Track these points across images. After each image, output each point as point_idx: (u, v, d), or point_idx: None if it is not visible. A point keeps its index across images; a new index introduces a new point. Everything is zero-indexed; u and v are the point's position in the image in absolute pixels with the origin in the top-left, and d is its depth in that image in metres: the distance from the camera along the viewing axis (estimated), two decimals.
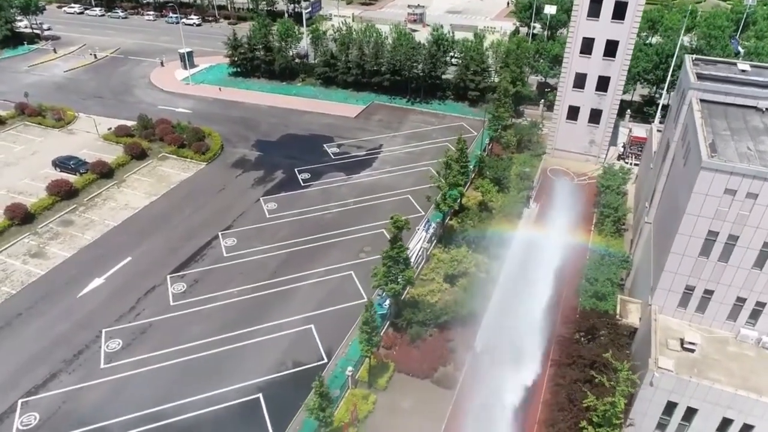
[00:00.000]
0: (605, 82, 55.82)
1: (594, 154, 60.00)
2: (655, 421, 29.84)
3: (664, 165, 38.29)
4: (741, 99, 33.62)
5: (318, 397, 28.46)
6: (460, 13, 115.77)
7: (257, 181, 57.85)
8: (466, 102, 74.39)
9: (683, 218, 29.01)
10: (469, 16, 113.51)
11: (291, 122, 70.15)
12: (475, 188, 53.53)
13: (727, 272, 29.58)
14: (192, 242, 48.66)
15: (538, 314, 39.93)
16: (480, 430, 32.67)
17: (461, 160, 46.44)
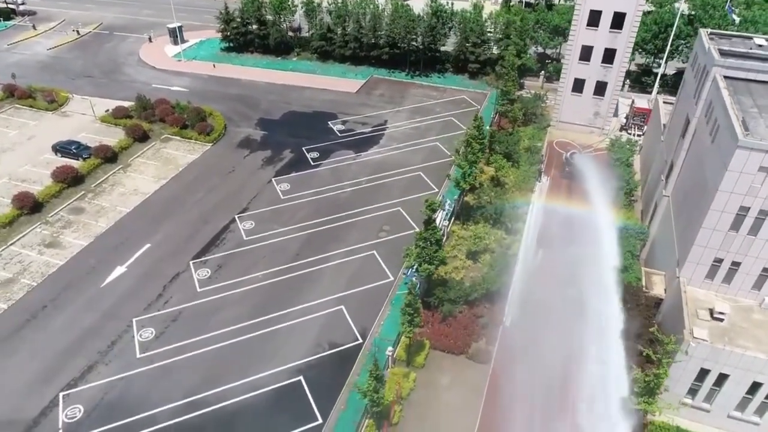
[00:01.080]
0: (611, 55, 56.32)
1: (598, 126, 60.91)
2: (687, 387, 31.53)
3: (683, 140, 39.27)
4: (763, 75, 34.54)
5: (373, 380, 29.23)
6: None
7: (266, 162, 57.38)
8: (466, 74, 74.31)
9: (716, 195, 30.10)
10: None
11: (291, 99, 69.21)
12: (486, 163, 54.07)
13: (756, 245, 30.98)
14: (209, 226, 48.39)
15: (562, 287, 41.26)
16: (519, 402, 34.03)
17: (479, 138, 46.74)
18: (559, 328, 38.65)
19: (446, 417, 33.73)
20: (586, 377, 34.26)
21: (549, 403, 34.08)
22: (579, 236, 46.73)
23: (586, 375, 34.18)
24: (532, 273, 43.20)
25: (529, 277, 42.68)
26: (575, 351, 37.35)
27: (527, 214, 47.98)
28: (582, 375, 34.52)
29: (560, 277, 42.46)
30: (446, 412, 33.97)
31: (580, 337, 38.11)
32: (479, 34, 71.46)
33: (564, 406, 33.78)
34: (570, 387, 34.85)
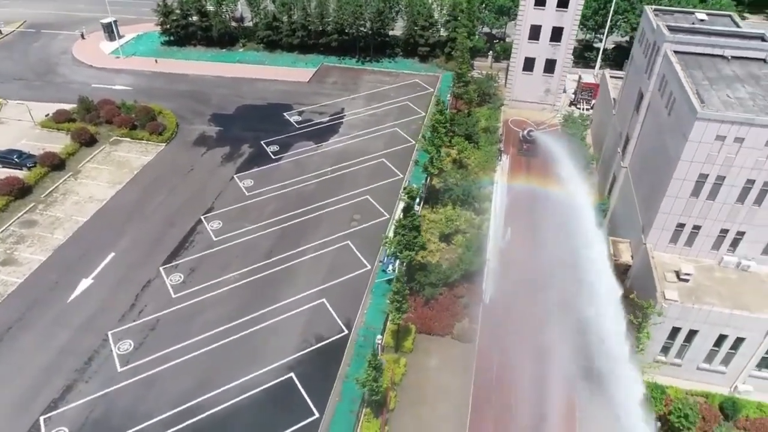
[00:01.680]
0: (559, 33, 58.18)
1: (550, 103, 63.00)
2: (660, 345, 33.75)
3: (637, 114, 41.35)
4: (710, 49, 36.78)
5: (372, 369, 29.66)
6: None
7: (225, 158, 56.02)
8: (416, 58, 74.65)
9: (678, 164, 32.06)
10: None
11: (243, 92, 67.52)
12: (448, 146, 54.93)
13: (714, 209, 33.30)
14: (175, 229, 47.00)
15: (535, 261, 42.95)
16: (506, 376, 35.47)
17: (443, 122, 47.42)
18: (536, 300, 40.38)
19: (440, 397, 34.70)
20: (568, 345, 36.06)
21: (535, 374, 35.71)
22: (543, 211, 48.64)
23: (568, 343, 35.95)
24: (504, 250, 44.72)
25: (502, 254, 44.16)
26: (554, 320, 39.14)
27: (493, 193, 49.40)
28: (564, 343, 36.30)
29: (531, 252, 44.25)
30: (439, 393, 34.94)
31: (557, 308, 39.91)
32: (427, 17, 71.85)
33: (550, 376, 35.48)
34: (553, 355, 36.59)
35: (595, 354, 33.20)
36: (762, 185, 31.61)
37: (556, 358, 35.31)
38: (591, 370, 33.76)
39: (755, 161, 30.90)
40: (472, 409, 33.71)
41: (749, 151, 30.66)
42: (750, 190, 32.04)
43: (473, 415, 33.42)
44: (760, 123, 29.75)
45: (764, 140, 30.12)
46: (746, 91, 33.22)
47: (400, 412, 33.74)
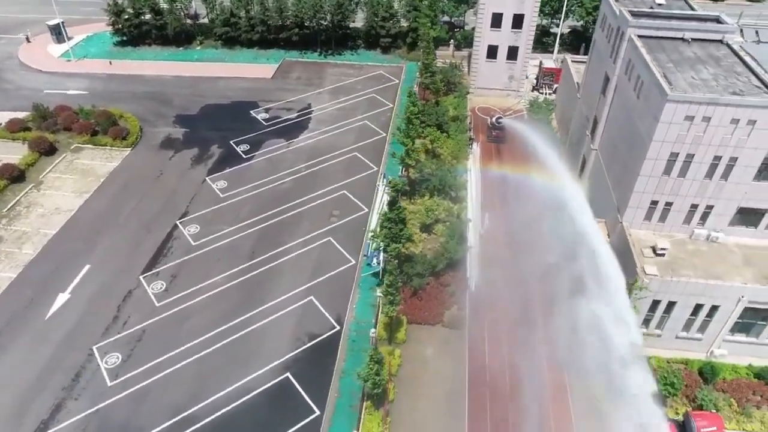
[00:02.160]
0: (520, 20, 59.35)
1: (514, 89, 64.35)
2: (641, 318, 35.44)
3: (605, 97, 42.87)
4: (671, 32, 38.43)
5: (375, 363, 30.05)
6: None
7: (195, 160, 54.85)
8: (378, 49, 74.68)
9: (650, 145, 33.55)
10: None
11: (205, 91, 66.03)
12: (419, 136, 55.35)
13: (684, 185, 35.03)
14: (151, 236, 45.89)
15: (517, 245, 44.19)
16: (498, 358, 36.54)
17: (417, 113, 47.84)
18: (520, 282, 41.61)
19: (436, 384, 35.41)
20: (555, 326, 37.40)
21: (526, 354, 36.93)
22: (517, 196, 49.95)
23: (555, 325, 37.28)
24: (484, 236, 45.79)
25: (482, 241, 45.21)
26: (539, 301, 40.49)
27: (468, 181, 50.32)
28: (551, 324, 37.63)
29: (509, 236, 45.47)
30: (435, 380, 35.65)
31: (540, 289, 41.24)
32: (387, 8, 71.91)
33: (540, 356, 36.78)
34: (542, 337, 37.90)
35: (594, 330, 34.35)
36: (728, 161, 33.46)
37: (545, 340, 36.65)
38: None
39: (721, 138, 32.67)
40: (469, 393, 34.63)
41: (716, 129, 32.38)
42: (717, 166, 33.85)
43: (471, 398, 34.35)
44: (725, 102, 31.46)
45: (729, 118, 31.86)
46: (709, 72, 34.97)
47: (399, 402, 34.29)
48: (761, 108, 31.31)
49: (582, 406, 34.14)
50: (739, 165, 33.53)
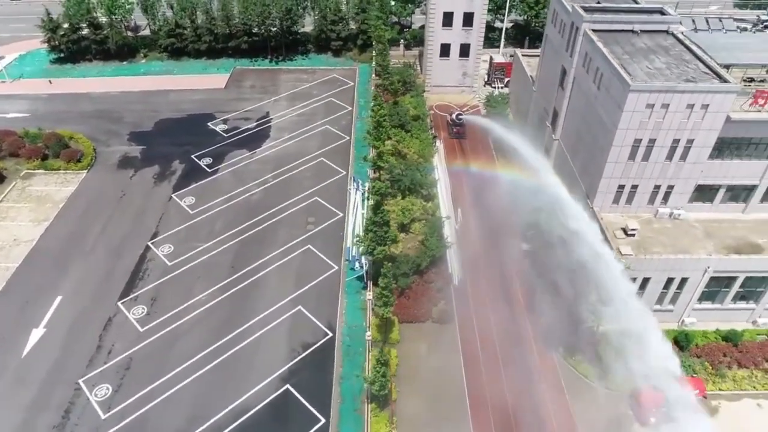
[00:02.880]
0: (470, 18, 61.09)
1: (468, 85, 66.16)
2: None
3: (563, 90, 45.01)
4: (622, 25, 40.85)
5: (381, 365, 30.60)
6: None
7: (158, 178, 53.31)
8: (329, 53, 74.75)
9: (616, 133, 35.69)
10: None
11: (157, 105, 64.13)
12: (388, 138, 55.99)
13: (647, 169, 37.46)
14: (124, 261, 44.40)
15: (493, 237, 45.82)
16: (490, 346, 37.94)
17: (384, 115, 48.52)
18: (500, 272, 43.28)
19: (435, 379, 36.28)
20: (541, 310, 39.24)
21: (515, 340, 38.56)
22: (485, 189, 51.68)
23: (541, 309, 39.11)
24: (459, 231, 47.14)
25: (458, 235, 46.56)
26: (522, 289, 42.22)
27: (438, 178, 51.52)
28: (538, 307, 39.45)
29: (483, 229, 47.06)
30: (433, 375, 36.50)
31: (520, 278, 43.01)
32: (335, 11, 72.09)
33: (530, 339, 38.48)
34: (529, 320, 39.68)
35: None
36: (686, 143, 36.05)
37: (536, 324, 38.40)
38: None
39: (679, 123, 35.18)
40: (467, 383, 35.85)
41: (674, 114, 34.84)
42: (676, 149, 36.41)
43: (470, 388, 35.57)
44: (682, 89, 33.92)
45: (685, 104, 34.36)
46: (661, 61, 37.51)
47: (402, 400, 34.92)
48: (713, 93, 33.95)
49: (571, 376, 36.11)
50: (695, 146, 36.21)
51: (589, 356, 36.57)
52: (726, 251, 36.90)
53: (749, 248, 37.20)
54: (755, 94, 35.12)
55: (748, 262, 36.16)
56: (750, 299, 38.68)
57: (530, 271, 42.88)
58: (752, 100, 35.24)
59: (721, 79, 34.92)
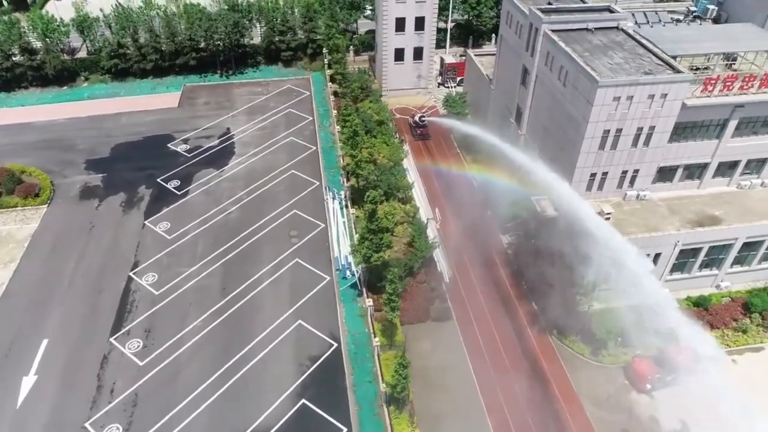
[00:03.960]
0: (421, 22, 62.97)
1: (423, 87, 68.07)
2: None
3: (525, 88, 47.58)
4: (578, 24, 43.76)
5: (404, 368, 31.65)
6: None
7: (126, 206, 51.57)
8: (280, 64, 74.42)
9: (588, 126, 38.42)
10: None
11: (110, 130, 61.72)
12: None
13: (616, 156, 40.55)
14: (107, 295, 42.90)
15: (473, 232, 47.86)
16: (490, 336, 39.87)
17: (358, 124, 49.37)
18: (487, 265, 45.35)
19: (445, 375, 37.74)
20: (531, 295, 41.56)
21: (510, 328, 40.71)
22: (458, 187, 53.78)
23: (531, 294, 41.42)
24: (440, 230, 48.84)
25: (441, 234, 48.26)
26: (510, 279, 44.43)
27: (414, 181, 53.00)
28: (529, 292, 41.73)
29: (463, 225, 49.05)
30: (443, 372, 37.96)
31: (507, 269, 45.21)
32: (283, 22, 71.93)
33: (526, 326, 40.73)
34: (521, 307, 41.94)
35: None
36: (648, 130, 39.34)
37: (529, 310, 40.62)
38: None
39: (642, 112, 38.36)
40: (474, 373, 37.63)
41: (637, 105, 37.97)
42: (640, 136, 39.66)
43: (478, 377, 37.38)
44: (644, 81, 37.05)
45: (647, 95, 37.54)
46: (618, 56, 40.63)
47: (418, 400, 36.08)
48: (671, 83, 37.29)
49: (568, 355, 38.62)
50: (656, 132, 39.58)
51: (582, 336, 39.19)
52: (690, 225, 40.60)
53: (709, 220, 41.11)
54: (705, 81, 38.81)
55: (711, 233, 40.00)
56: (713, 266, 42.74)
57: (515, 261, 45.23)
58: (702, 87, 38.92)
59: (675, 69, 38.38)
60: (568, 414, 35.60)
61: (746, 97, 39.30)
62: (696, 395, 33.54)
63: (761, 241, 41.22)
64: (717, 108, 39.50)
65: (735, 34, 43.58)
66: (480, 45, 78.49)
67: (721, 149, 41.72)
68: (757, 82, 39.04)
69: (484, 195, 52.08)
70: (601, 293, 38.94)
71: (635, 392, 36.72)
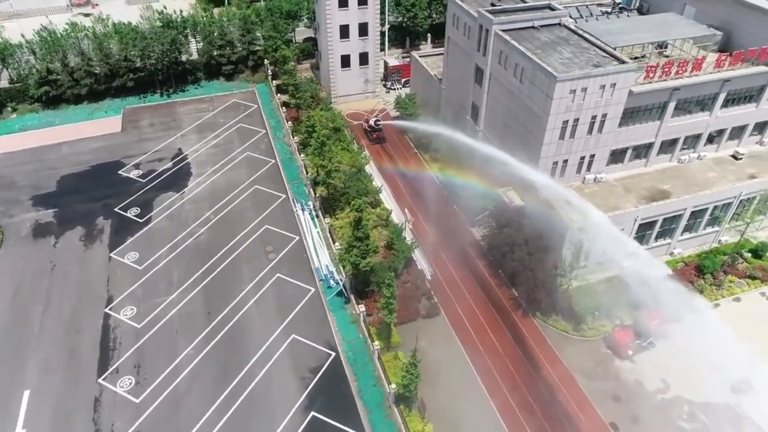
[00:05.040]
0: (365, 28, 64.02)
1: (370, 91, 69.19)
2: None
3: (480, 86, 49.82)
4: (524, 23, 46.42)
5: (414, 367, 32.80)
6: None
7: (87, 240, 49.30)
8: (221, 78, 73.05)
9: (548, 118, 41.07)
10: None
11: (52, 162, 58.49)
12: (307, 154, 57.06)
13: (574, 144, 43.53)
14: (85, 335, 41.10)
15: (449, 228, 49.70)
16: (479, 326, 41.81)
17: (328, 136, 49.86)
18: (463, 257, 47.30)
19: (444, 368, 39.17)
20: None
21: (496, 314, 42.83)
22: (422, 187, 55.50)
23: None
24: (413, 229, 50.28)
25: (415, 234, 49.73)
26: (487, 268, 46.53)
27: (380, 184, 54.08)
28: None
29: (433, 223, 50.81)
30: (442, 365, 39.34)
31: (482, 259, 47.24)
32: (221, 36, 70.71)
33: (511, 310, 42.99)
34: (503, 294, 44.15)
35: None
36: (601, 117, 42.53)
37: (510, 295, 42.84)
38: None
39: (595, 102, 41.45)
40: (471, 361, 39.46)
41: (591, 95, 40.96)
42: (594, 123, 42.77)
43: (474, 365, 39.24)
44: (596, 74, 40.07)
45: (599, 85, 40.62)
46: (568, 51, 43.60)
47: (425, 397, 37.28)
48: (619, 73, 40.56)
49: (553, 334, 41.26)
50: (608, 119, 42.85)
51: (563, 314, 41.91)
52: (645, 201, 44.33)
53: (660, 195, 45.02)
54: (646, 69, 42.48)
55: (665, 206, 43.87)
56: (666, 236, 46.83)
57: (490, 252, 47.46)
58: (644, 75, 42.58)
59: (620, 60, 41.76)
60: (562, 387, 38.12)
61: (681, 81, 43.35)
62: (674, 354, 37.17)
63: (705, 209, 45.65)
64: (658, 92, 43.27)
65: (663, 24, 47.85)
66: (417, 46, 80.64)
67: (663, 129, 45.73)
68: (690, 66, 43.18)
69: (449, 192, 54.12)
70: (579, 271, 41.77)
71: (618, 360, 39.81)
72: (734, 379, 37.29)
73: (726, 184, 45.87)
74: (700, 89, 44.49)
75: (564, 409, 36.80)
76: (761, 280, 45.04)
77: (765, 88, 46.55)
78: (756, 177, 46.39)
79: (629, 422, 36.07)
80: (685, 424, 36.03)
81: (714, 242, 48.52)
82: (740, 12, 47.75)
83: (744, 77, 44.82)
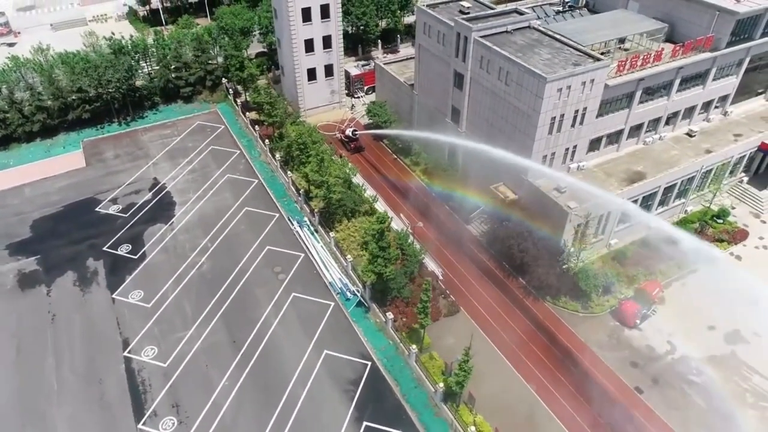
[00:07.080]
0: (329, 40, 64.76)
1: (337, 101, 70.02)
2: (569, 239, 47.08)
3: (460, 90, 52.28)
4: (499, 28, 49.30)
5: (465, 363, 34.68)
6: (35, 8, 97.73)
7: (82, 284, 47.07)
8: (179, 101, 71.07)
9: (539, 117, 44.20)
10: (51, 7, 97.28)
11: (18, 207, 54.92)
12: (293, 170, 57.34)
13: (561, 137, 47.03)
14: (110, 383, 39.65)
15: (446, 228, 51.87)
16: (498, 318, 44.36)
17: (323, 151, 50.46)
18: (465, 255, 49.68)
19: (477, 361, 40.17)
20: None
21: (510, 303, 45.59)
22: (410, 190, 57.36)
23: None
24: (414, 232, 52.03)
25: (416, 237, 51.50)
26: (492, 261, 49.13)
27: (374, 194, 55.31)
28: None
29: (430, 225, 52.84)
30: (474, 358, 41.13)
31: (486, 253, 49.85)
32: (176, 58, 68.83)
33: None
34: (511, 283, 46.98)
35: None
36: (582, 111, 46.27)
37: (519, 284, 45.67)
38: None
39: (577, 98, 45.06)
40: (498, 348, 42.03)
41: (574, 92, 44.51)
42: (576, 117, 46.44)
43: (503, 352, 41.83)
44: (578, 72, 43.61)
45: (580, 83, 44.23)
46: (545, 53, 46.92)
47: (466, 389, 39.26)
48: (596, 70, 44.37)
49: (564, 314, 44.57)
50: (588, 112, 46.65)
51: (571, 295, 45.31)
52: (626, 183, 48.68)
53: (636, 175, 49.56)
54: (618, 63, 46.65)
55: (644, 186, 48.39)
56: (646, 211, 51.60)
57: (491, 246, 50.12)
58: (617, 69, 46.74)
59: (595, 58, 45.59)
60: (585, 361, 41.41)
61: (646, 71, 47.98)
62: (672, 317, 41.78)
63: (674, 184, 50.74)
64: (628, 84, 47.63)
65: (620, 21, 52.52)
66: (368, 52, 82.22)
67: (632, 116, 50.32)
68: (651, 58, 47.87)
69: (437, 193, 56.31)
70: (583, 252, 45.30)
71: (626, 330, 43.73)
72: (725, 331, 42.37)
73: (688, 160, 51.20)
74: (660, 77, 49.39)
75: (592, 381, 40.05)
76: (728, 242, 50.76)
77: (709, 72, 52.38)
78: (711, 151, 52.14)
79: (651, 384, 39.94)
80: (695, 378, 40.39)
81: (681, 213, 53.94)
82: (680, 4, 53.22)
83: (694, 64, 50.29)
